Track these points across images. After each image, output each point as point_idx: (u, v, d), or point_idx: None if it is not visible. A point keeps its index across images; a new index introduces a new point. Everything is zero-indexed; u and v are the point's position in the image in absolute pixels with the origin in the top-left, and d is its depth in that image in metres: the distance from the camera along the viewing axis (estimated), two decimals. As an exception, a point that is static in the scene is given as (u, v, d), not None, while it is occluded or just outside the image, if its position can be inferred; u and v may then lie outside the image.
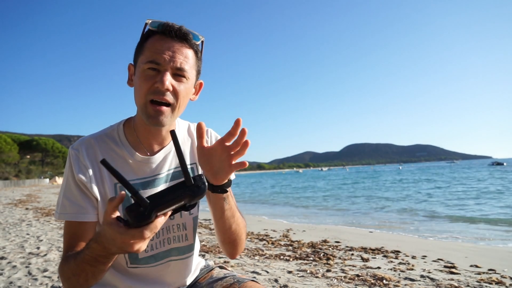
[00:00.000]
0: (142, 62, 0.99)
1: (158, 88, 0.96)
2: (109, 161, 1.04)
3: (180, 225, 1.15)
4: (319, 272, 3.65)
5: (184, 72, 0.99)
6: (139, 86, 0.99)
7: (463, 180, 30.75)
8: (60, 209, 1.03)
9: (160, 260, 1.12)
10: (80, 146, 1.06)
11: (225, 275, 1.20)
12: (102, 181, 1.05)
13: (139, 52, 1.02)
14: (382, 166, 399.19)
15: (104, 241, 0.75)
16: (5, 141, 60.74)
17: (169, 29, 0.98)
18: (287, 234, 6.83)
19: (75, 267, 0.85)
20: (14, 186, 49.40)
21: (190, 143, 1.21)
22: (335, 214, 12.27)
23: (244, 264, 4.04)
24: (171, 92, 0.98)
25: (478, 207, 12.30)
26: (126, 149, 1.08)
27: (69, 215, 1.01)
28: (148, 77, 0.97)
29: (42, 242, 5.47)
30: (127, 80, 1.08)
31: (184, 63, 0.99)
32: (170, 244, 1.13)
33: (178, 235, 1.15)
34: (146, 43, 1.00)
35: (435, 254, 4.90)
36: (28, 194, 24.16)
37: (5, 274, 3.54)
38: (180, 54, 0.98)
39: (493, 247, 6.01)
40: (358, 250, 5.05)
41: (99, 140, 1.08)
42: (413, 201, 15.32)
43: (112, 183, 1.06)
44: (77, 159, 1.04)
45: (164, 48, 0.97)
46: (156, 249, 1.11)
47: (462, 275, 3.72)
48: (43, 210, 11.73)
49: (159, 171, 1.11)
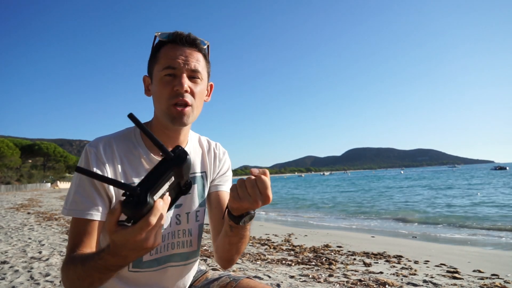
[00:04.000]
0: (158, 71, 1.06)
1: (178, 90, 1.03)
2: (126, 161, 1.09)
3: (186, 231, 1.17)
4: (321, 277, 3.63)
5: (198, 73, 1.08)
6: (159, 92, 1.06)
7: (466, 184, 30.62)
8: (70, 205, 1.00)
9: (162, 264, 1.13)
10: (98, 144, 1.07)
11: (220, 275, 1.23)
12: (118, 179, 1.05)
13: (154, 62, 1.09)
14: (384, 170, 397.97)
15: (118, 251, 0.73)
16: (7, 146, 60.92)
17: (180, 37, 1.07)
18: (289, 239, 6.81)
19: (82, 273, 0.83)
20: (16, 190, 49.44)
21: (200, 153, 1.26)
22: (337, 217, 12.23)
23: (246, 268, 4.03)
24: (190, 93, 1.06)
25: (480, 212, 12.24)
26: (142, 150, 1.12)
27: (79, 211, 0.99)
28: (166, 83, 1.05)
29: (44, 246, 5.47)
30: (144, 91, 1.16)
31: (197, 65, 1.07)
32: (174, 249, 1.14)
33: (183, 241, 1.16)
34: (159, 53, 1.08)
35: (438, 259, 4.88)
36: (29, 199, 24.17)
37: (7, 279, 3.54)
38: (192, 57, 1.07)
39: (496, 252, 5.97)
40: (360, 255, 5.03)
41: (117, 139, 1.11)
42: (415, 206, 15.26)
43: (127, 182, 1.06)
44: (95, 156, 1.04)
45: (178, 54, 1.05)
46: (160, 252, 1.12)
47: (465, 280, 3.70)
48: (45, 214, 11.74)
49: None
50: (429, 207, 14.65)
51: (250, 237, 6.87)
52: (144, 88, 1.16)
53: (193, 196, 1.18)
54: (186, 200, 1.17)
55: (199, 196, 1.20)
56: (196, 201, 1.19)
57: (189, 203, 1.17)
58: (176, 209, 1.15)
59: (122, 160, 1.09)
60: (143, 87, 1.17)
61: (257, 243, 6.23)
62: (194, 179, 1.20)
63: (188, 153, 0.74)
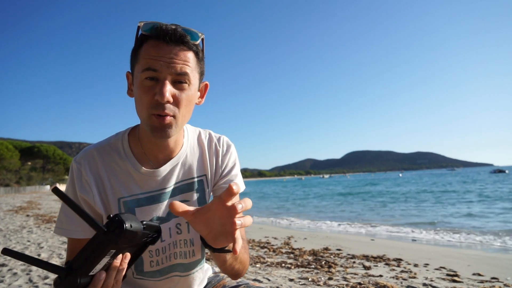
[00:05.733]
0: (138, 71, 0.90)
1: (157, 100, 0.87)
2: (113, 176, 1.02)
3: (187, 241, 1.08)
4: (320, 280, 3.63)
5: (185, 77, 0.90)
6: (139, 98, 0.91)
7: (467, 187, 30.63)
8: (57, 224, 1.02)
9: (165, 275, 1.08)
10: (83, 160, 1.02)
11: (238, 283, 1.15)
12: (106, 195, 1.01)
13: (135, 60, 0.93)
14: (383, 173, 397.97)
15: None
16: (7, 148, 60.85)
17: (164, 33, 0.88)
18: (288, 242, 6.80)
19: None
20: (15, 192, 49.34)
21: (198, 154, 1.12)
22: (336, 220, 12.22)
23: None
24: (172, 103, 0.90)
25: (480, 215, 12.23)
26: (130, 162, 1.02)
27: (64, 231, 0.99)
28: (147, 88, 0.89)
29: (43, 249, 5.45)
30: (127, 90, 1.00)
31: (184, 67, 0.89)
32: (176, 259, 1.08)
33: (185, 251, 1.08)
34: (140, 50, 0.91)
35: (438, 262, 4.87)
36: (28, 201, 24.09)
37: (6, 281, 3.53)
38: (179, 58, 0.89)
39: (496, 255, 5.96)
40: (360, 258, 5.02)
41: (101, 152, 1.03)
42: (415, 209, 15.25)
43: (115, 198, 1.01)
44: (80, 174, 1.00)
45: (160, 54, 0.87)
46: (162, 264, 1.07)
47: (464, 283, 3.70)
48: (44, 217, 11.70)
49: (166, 184, 1.05)
50: (429, 209, 14.64)
51: (249, 239, 6.86)
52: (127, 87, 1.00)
53: (192, 204, 1.08)
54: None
55: (199, 203, 1.09)
56: None
57: None
58: (175, 218, 1.06)
59: (109, 174, 1.01)
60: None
61: (257, 246, 6.22)
62: (192, 185, 1.09)
63: (126, 225, 0.64)
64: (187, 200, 1.08)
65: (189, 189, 1.08)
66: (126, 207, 1.02)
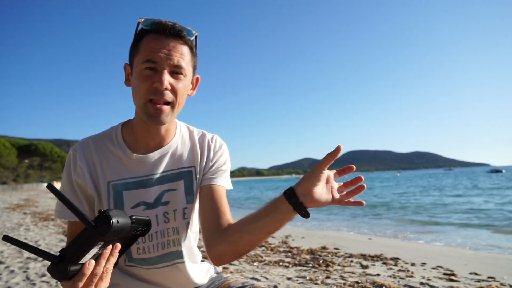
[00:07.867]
0: (138, 62, 0.99)
1: (157, 87, 0.96)
2: (105, 162, 1.10)
3: (174, 229, 1.11)
4: (318, 278, 3.64)
5: (181, 69, 1.00)
6: (137, 87, 1.00)
7: (463, 186, 30.74)
8: (56, 207, 1.10)
9: (153, 264, 1.10)
10: (78, 147, 1.11)
11: (243, 284, 1.14)
12: (98, 178, 1.09)
13: (134, 52, 1.02)
14: (381, 172, 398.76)
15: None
16: (4, 145, 60.62)
17: (163, 27, 0.98)
18: (286, 241, 6.81)
19: None
20: (12, 190, 49.14)
21: (190, 147, 1.17)
22: (333, 220, 12.24)
23: (243, 270, 4.03)
24: (170, 91, 0.99)
25: (477, 214, 12.29)
26: (121, 148, 1.10)
27: (63, 213, 1.07)
28: (146, 77, 0.98)
29: (41, 247, 5.44)
30: (124, 80, 1.09)
31: (180, 60, 0.99)
32: (164, 248, 1.10)
33: (173, 239, 1.11)
34: (140, 43, 1.00)
35: (435, 261, 4.89)
36: (26, 199, 24.04)
37: (3, 279, 3.52)
38: (176, 51, 0.99)
39: (493, 254, 6.00)
40: (358, 257, 5.04)
41: (96, 140, 1.12)
42: (412, 208, 15.29)
43: (105, 181, 1.08)
44: (75, 160, 1.09)
45: (160, 46, 0.97)
46: (149, 253, 1.09)
47: (461, 282, 3.71)
48: (41, 214, 11.68)
49: (155, 171, 1.11)
50: (427, 209, 14.69)
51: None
52: (124, 78, 1.09)
53: (180, 193, 1.12)
54: (172, 197, 1.11)
55: (186, 193, 1.12)
56: (183, 198, 1.12)
57: (175, 200, 1.11)
58: (162, 206, 1.10)
59: (101, 160, 1.10)
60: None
61: (255, 244, 6.22)
62: (181, 175, 1.13)
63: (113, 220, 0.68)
64: (174, 189, 1.12)
65: (178, 178, 1.13)
66: (115, 190, 1.08)
